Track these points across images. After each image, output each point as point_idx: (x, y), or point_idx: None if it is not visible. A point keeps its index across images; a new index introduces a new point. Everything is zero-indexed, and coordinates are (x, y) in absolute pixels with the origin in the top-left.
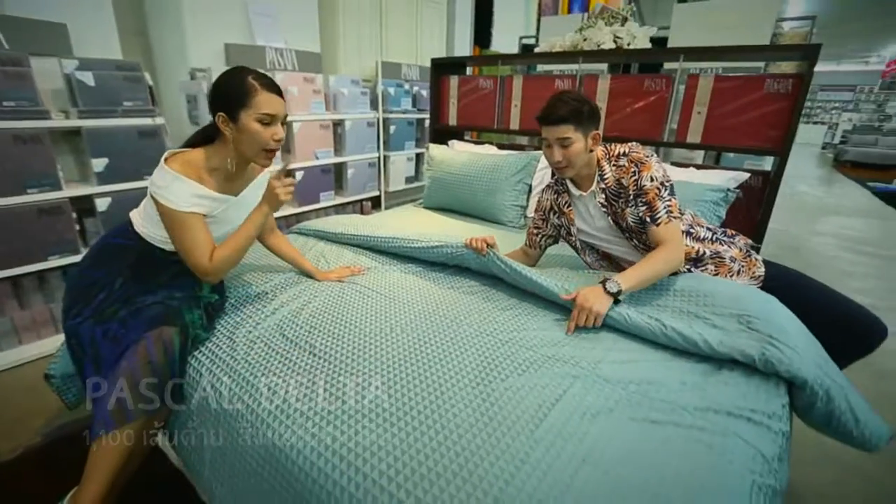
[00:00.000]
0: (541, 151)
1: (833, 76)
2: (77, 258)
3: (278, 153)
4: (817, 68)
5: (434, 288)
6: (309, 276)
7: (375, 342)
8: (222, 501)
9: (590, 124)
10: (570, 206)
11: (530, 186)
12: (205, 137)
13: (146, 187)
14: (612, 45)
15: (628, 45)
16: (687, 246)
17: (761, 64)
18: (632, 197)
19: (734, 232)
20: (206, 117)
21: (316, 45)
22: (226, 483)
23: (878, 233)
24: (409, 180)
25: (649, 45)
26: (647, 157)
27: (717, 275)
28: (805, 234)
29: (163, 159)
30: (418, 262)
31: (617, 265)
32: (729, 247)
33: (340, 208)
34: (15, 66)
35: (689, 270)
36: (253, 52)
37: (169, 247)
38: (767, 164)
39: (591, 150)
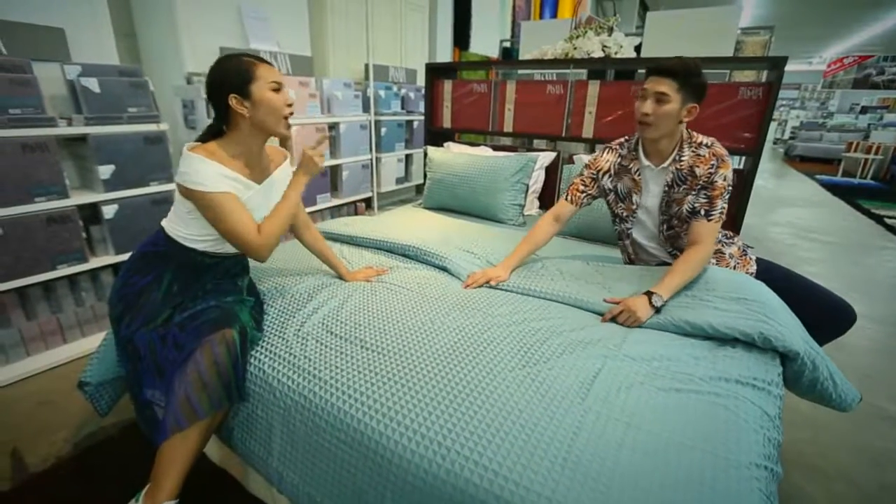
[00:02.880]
0: (536, 153)
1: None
2: (85, 266)
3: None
4: None
5: (458, 283)
6: (338, 275)
7: (420, 334)
8: (293, 485)
9: (693, 94)
10: (640, 174)
11: (527, 186)
12: (213, 133)
13: (152, 193)
14: (602, 54)
15: (615, 53)
16: None
17: (726, 70)
18: (699, 187)
19: (733, 234)
20: (203, 122)
21: (307, 47)
22: (297, 468)
23: (825, 222)
24: (399, 181)
25: (634, 54)
26: (727, 156)
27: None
28: (764, 224)
29: (186, 148)
30: None
31: (632, 247)
32: (729, 246)
33: (336, 210)
34: (18, 72)
35: None
36: None
37: (204, 245)
38: (735, 162)
39: (681, 122)
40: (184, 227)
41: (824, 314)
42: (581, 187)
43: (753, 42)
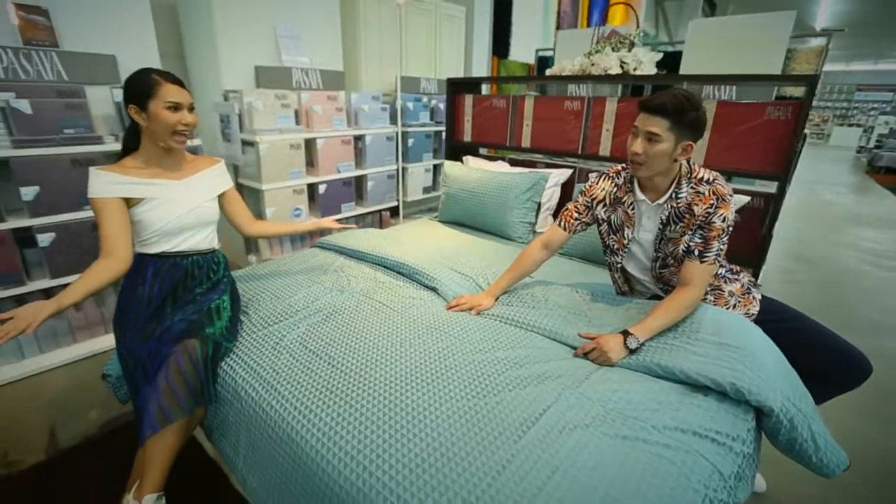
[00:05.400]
0: (549, 171)
1: (871, 76)
2: None
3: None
4: (853, 67)
5: (441, 303)
6: (317, 228)
7: (386, 356)
8: (255, 491)
9: (688, 131)
10: (633, 208)
11: (539, 204)
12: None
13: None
14: (619, 70)
15: (634, 69)
16: None
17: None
18: (696, 227)
19: (740, 269)
20: (237, 135)
21: (339, 62)
22: (258, 475)
23: None
24: (426, 190)
25: (655, 70)
26: (729, 195)
27: (714, 304)
28: (827, 246)
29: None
30: None
31: (624, 279)
32: (731, 283)
33: (360, 218)
34: (73, 97)
35: None
36: (280, 73)
37: (156, 246)
38: (758, 185)
39: (676, 160)
40: (136, 236)
41: (834, 364)
42: (575, 214)
43: (807, 51)
